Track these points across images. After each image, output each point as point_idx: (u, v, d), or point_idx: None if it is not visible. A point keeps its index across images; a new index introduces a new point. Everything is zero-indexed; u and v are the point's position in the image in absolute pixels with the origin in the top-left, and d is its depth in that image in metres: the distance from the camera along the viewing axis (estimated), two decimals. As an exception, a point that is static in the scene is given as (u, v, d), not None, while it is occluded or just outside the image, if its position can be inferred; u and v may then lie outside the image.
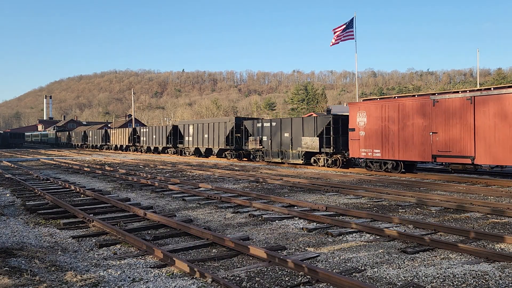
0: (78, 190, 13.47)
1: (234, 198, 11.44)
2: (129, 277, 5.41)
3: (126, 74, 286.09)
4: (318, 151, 23.09)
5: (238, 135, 30.35)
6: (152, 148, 43.87)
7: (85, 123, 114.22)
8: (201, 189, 14.04)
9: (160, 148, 42.10)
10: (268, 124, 26.91)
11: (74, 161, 30.32)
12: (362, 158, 20.82)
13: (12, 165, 25.73)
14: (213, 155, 33.82)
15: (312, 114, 63.10)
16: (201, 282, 5.13)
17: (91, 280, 5.24)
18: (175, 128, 39.50)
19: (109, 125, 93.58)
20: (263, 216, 9.25)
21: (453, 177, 17.19)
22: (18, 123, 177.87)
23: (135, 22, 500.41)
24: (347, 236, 7.59)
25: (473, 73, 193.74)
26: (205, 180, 17.06)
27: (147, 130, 44.72)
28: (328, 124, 22.73)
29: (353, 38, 32.26)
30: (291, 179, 16.57)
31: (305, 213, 9.19)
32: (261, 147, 27.23)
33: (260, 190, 14.04)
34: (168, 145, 39.92)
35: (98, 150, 57.22)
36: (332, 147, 22.50)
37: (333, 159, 22.69)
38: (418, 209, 10.36)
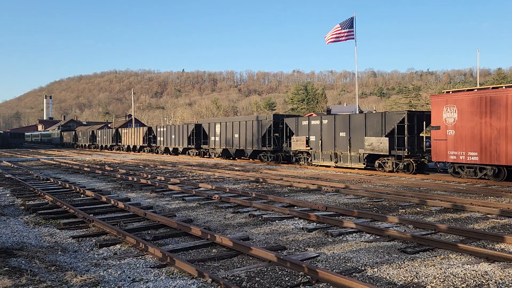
0: (78, 190, 13.47)
1: (234, 198, 11.44)
2: (129, 277, 5.41)
3: (126, 74, 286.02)
4: (387, 153, 19.50)
5: (277, 134, 27.12)
6: (170, 149, 40.27)
7: (85, 123, 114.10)
8: (201, 189, 14.04)
9: (181, 149, 38.65)
10: (318, 122, 23.58)
11: (74, 161, 30.32)
12: (449, 162, 17.12)
13: (12, 165, 25.73)
14: (245, 157, 30.42)
15: (312, 114, 62.98)
16: (201, 282, 5.13)
17: (91, 280, 5.24)
18: (198, 127, 36.23)
19: (109, 125, 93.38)
20: (263, 216, 9.25)
21: None
22: (18, 123, 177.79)
23: (135, 22, 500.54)
24: (347, 236, 7.59)
25: (473, 73, 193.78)
26: (205, 180, 17.06)
27: (165, 129, 41.14)
28: (401, 122, 19.23)
29: (353, 38, 32.25)
30: (291, 178, 16.57)
31: (305, 213, 9.19)
32: (308, 148, 23.95)
33: (260, 190, 14.04)
34: (190, 146, 36.62)
35: (107, 151, 53.92)
36: (406, 149, 18.97)
37: (405, 163, 19.17)
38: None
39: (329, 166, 22.89)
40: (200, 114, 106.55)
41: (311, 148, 23.90)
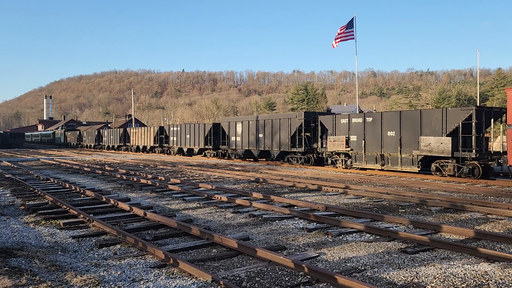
0: (78, 190, 13.48)
1: (234, 198, 11.44)
2: (129, 277, 5.41)
3: (126, 74, 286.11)
4: (449, 155, 17.20)
5: (308, 134, 24.85)
6: (185, 149, 38.07)
7: (85, 123, 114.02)
8: (201, 189, 14.04)
9: (196, 150, 36.42)
10: (360, 120, 21.14)
11: (74, 161, 30.31)
12: None
13: (12, 165, 25.73)
14: (272, 159, 28.01)
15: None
16: (201, 282, 5.13)
17: (91, 280, 5.24)
18: (216, 126, 33.90)
19: (109, 125, 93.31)
20: (263, 216, 9.25)
21: None
22: (18, 123, 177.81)
23: (135, 22, 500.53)
24: (347, 236, 7.59)
25: (473, 73, 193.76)
26: (205, 180, 17.06)
27: (179, 128, 38.80)
28: (467, 119, 16.85)
29: (353, 38, 32.28)
30: (291, 178, 16.57)
31: (305, 213, 9.19)
32: (347, 149, 21.59)
33: (260, 190, 14.04)
34: (207, 146, 34.40)
35: (114, 151, 51.70)
36: (474, 150, 16.57)
37: (470, 167, 16.86)
38: None
39: (373, 169, 20.66)
40: (200, 114, 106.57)
41: (351, 149, 21.50)
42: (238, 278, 5.33)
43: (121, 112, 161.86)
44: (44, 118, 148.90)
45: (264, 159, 29.65)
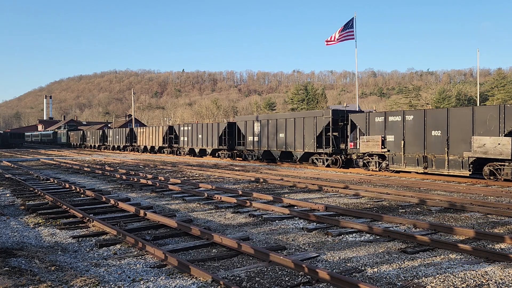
0: (78, 190, 13.48)
1: (234, 198, 11.44)
2: (129, 277, 5.41)
3: (126, 74, 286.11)
4: (508, 157, 15.36)
5: (336, 134, 23.34)
6: (196, 150, 36.48)
7: (85, 123, 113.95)
8: (201, 189, 14.04)
9: (209, 151, 34.74)
10: (399, 118, 19.34)
11: (74, 161, 30.32)
12: None
13: (12, 165, 25.73)
14: (295, 161, 26.31)
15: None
16: (201, 282, 5.13)
17: (91, 280, 5.24)
18: (231, 125, 32.36)
19: (109, 125, 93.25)
20: (263, 216, 9.25)
21: None
22: (18, 123, 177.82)
23: (135, 22, 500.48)
24: (347, 236, 7.59)
25: (473, 73, 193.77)
26: (205, 180, 17.06)
27: (190, 128, 37.21)
28: None
29: (353, 38, 32.29)
30: (291, 178, 16.57)
31: (305, 213, 9.19)
32: (384, 150, 19.82)
33: (260, 190, 14.04)
34: (221, 147, 32.89)
35: (119, 151, 50.15)
36: None
37: None
38: None
39: (411, 172, 19.06)
40: (200, 114, 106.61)
41: (388, 150, 19.75)
42: (238, 278, 5.33)
43: (121, 112, 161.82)
44: (44, 118, 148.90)
45: (287, 161, 28.05)
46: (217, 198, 11.71)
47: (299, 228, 8.27)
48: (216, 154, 34.59)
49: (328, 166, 23.46)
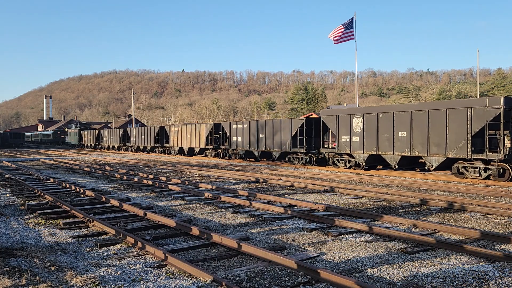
0: (78, 190, 13.47)
1: (234, 198, 11.43)
2: (129, 277, 5.41)
3: (126, 74, 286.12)
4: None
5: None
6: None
7: (85, 123, 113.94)
8: (201, 189, 14.03)
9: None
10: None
11: (74, 161, 30.31)
12: None
13: (12, 165, 25.72)
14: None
15: (312, 115, 62.86)
16: (201, 282, 5.13)
17: (91, 280, 5.24)
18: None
19: (109, 125, 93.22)
20: (263, 216, 9.25)
21: None
22: (18, 123, 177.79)
23: (135, 22, 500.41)
24: (347, 236, 7.59)
25: (473, 73, 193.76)
26: (205, 180, 17.06)
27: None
28: None
29: (353, 38, 32.24)
30: (291, 178, 16.56)
31: (305, 213, 9.19)
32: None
33: (260, 190, 14.04)
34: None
35: (148, 153, 44.49)
36: None
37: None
38: None
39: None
40: (200, 114, 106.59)
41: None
42: (238, 278, 5.32)
43: (121, 112, 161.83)
44: (44, 118, 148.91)
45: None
46: (217, 198, 11.71)
47: (299, 228, 8.27)
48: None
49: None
